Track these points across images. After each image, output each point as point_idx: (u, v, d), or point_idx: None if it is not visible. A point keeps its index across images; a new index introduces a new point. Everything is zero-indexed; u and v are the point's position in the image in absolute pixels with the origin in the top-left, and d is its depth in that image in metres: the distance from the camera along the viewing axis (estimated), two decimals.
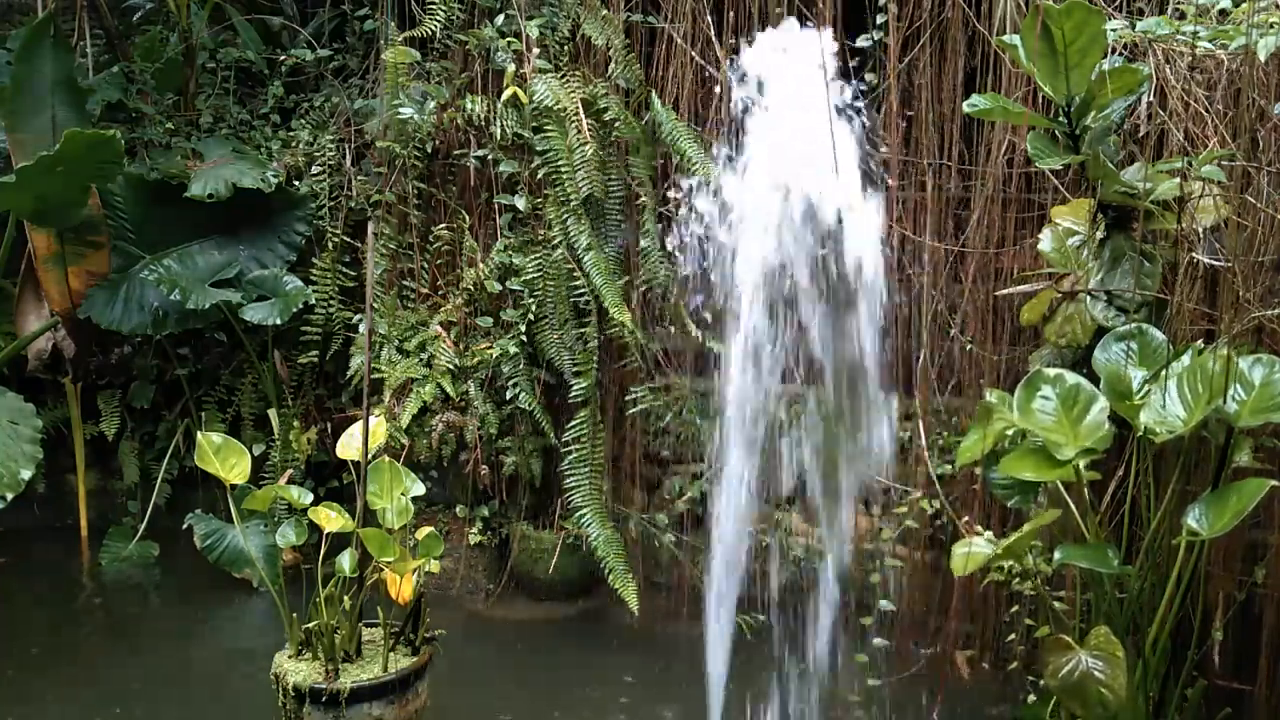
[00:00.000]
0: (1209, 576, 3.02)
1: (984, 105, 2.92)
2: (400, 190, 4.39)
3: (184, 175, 4.49)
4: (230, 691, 3.59)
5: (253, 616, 4.17)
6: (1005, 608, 3.50)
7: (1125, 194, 2.89)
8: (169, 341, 4.66)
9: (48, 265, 4.45)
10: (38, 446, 3.89)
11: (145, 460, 4.87)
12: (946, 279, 3.76)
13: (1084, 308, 2.98)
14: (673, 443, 4.22)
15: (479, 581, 4.31)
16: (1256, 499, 2.36)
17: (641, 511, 4.27)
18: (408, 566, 2.98)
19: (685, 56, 4.05)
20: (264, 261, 4.53)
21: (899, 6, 3.73)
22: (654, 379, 4.16)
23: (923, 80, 3.75)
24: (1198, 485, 2.75)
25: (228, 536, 4.10)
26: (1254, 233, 2.84)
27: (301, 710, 2.88)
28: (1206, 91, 3.03)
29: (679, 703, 3.53)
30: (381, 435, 3.24)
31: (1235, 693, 3.12)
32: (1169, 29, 2.91)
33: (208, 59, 5.01)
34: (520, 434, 4.23)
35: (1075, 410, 2.62)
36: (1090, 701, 2.44)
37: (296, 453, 4.52)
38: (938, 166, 3.76)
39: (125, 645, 4.02)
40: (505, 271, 4.19)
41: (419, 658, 3.03)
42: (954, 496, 3.69)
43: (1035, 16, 2.63)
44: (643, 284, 4.12)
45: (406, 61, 4.21)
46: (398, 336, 4.29)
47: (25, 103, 4.37)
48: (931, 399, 3.75)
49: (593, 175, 4.00)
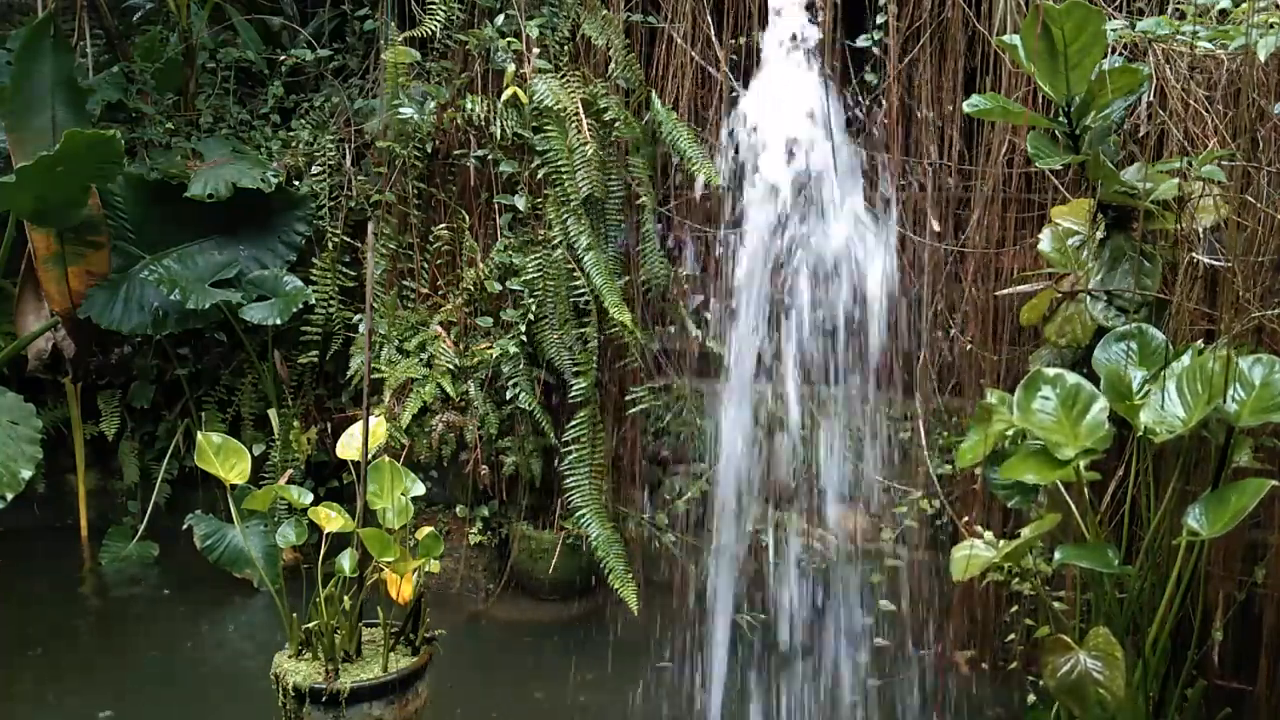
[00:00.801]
0: (1209, 576, 3.02)
1: (984, 105, 2.92)
2: (400, 190, 4.39)
3: (184, 175, 4.49)
4: (230, 691, 3.59)
5: (252, 616, 4.17)
6: (1005, 608, 3.50)
7: (1125, 194, 2.89)
8: (169, 341, 4.65)
9: (48, 265, 4.45)
10: (38, 446, 3.89)
11: (145, 460, 4.87)
12: (946, 279, 3.76)
13: (1084, 308, 2.98)
14: (673, 443, 4.22)
15: (479, 581, 4.31)
16: (1256, 499, 2.36)
17: (641, 511, 4.27)
18: (408, 566, 2.97)
19: (685, 56, 4.05)
20: (264, 261, 4.53)
21: (899, 6, 3.73)
22: (654, 379, 4.16)
23: (923, 80, 3.75)
24: (1198, 485, 2.75)
25: (228, 536, 4.10)
26: (1254, 233, 2.84)
27: (301, 710, 2.88)
28: (1206, 91, 3.03)
29: (679, 703, 3.53)
30: (381, 435, 3.23)
31: (1235, 693, 3.12)
32: (1169, 29, 2.91)
33: (208, 59, 5.01)
34: (520, 434, 4.23)
35: (1075, 410, 2.62)
36: (1089, 702, 2.44)
37: (296, 453, 4.52)
38: (938, 166, 3.76)
39: (125, 645, 4.02)
40: (505, 271, 4.19)
41: (419, 658, 3.03)
42: (954, 496, 3.69)
43: (1035, 16, 2.63)
44: (643, 284, 4.12)
45: (406, 61, 4.21)
46: (398, 336, 4.29)
47: (25, 103, 4.37)
48: (931, 399, 3.75)
49: (593, 175, 4.00)
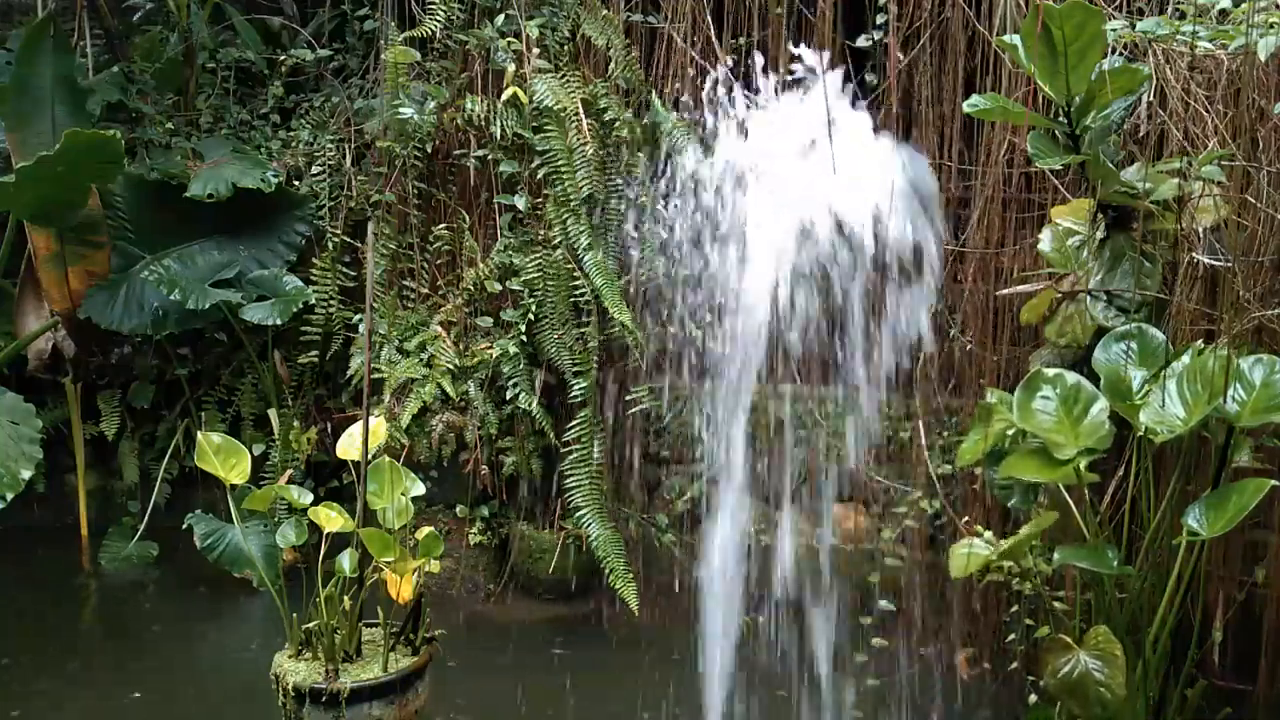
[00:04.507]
0: (1209, 576, 3.02)
1: (984, 105, 2.92)
2: (400, 190, 4.39)
3: (184, 175, 4.48)
4: (230, 692, 3.59)
5: (252, 616, 4.17)
6: (1005, 608, 3.50)
7: (1125, 194, 2.89)
8: (169, 341, 4.65)
9: (48, 265, 4.45)
10: (38, 446, 3.89)
11: (145, 460, 4.87)
12: (946, 279, 3.76)
13: (1084, 308, 2.98)
14: (673, 443, 4.22)
15: (479, 581, 4.31)
16: (1256, 499, 2.36)
17: (641, 511, 4.27)
18: (408, 566, 2.97)
19: (685, 57, 4.05)
20: (264, 261, 4.52)
21: (899, 6, 3.73)
22: (654, 379, 4.16)
23: (923, 80, 3.75)
24: (1198, 485, 2.75)
25: (228, 536, 4.09)
26: (1254, 233, 2.84)
27: (301, 710, 2.88)
28: (1206, 91, 3.02)
29: (679, 702, 3.52)
30: (381, 435, 3.23)
31: (1235, 692, 3.11)
32: (1169, 29, 2.91)
33: (208, 59, 5.01)
34: (520, 434, 4.23)
35: (1076, 410, 2.62)
36: (1089, 701, 2.44)
37: (296, 453, 4.52)
38: (938, 167, 3.76)
39: (124, 645, 4.02)
40: (505, 271, 4.19)
41: (419, 658, 3.03)
42: (954, 496, 3.69)
43: (1035, 16, 2.63)
44: (643, 284, 4.12)
45: (406, 61, 4.21)
46: (398, 336, 4.29)
47: (25, 103, 4.37)
48: (931, 399, 3.75)
49: (593, 175, 4.00)
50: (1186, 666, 2.76)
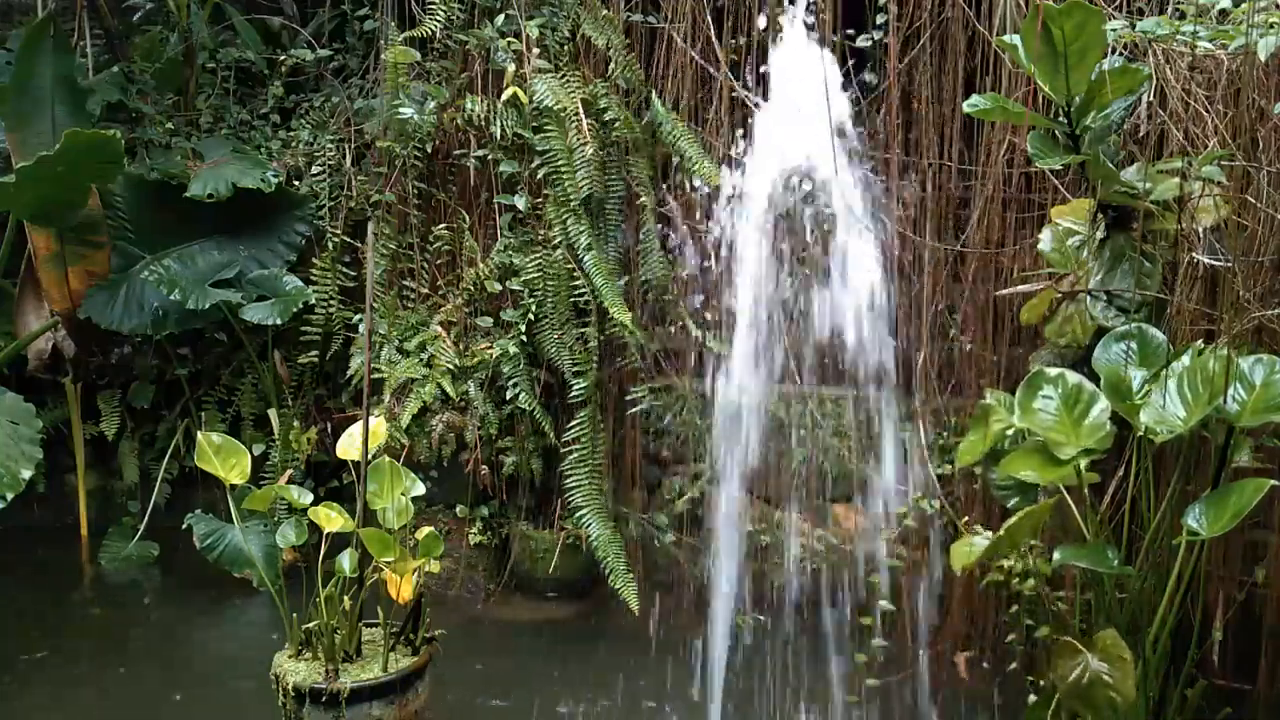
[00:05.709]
0: (1209, 576, 3.02)
1: (984, 105, 2.92)
2: (400, 190, 4.39)
3: (184, 175, 4.48)
4: (230, 692, 3.59)
5: (252, 616, 4.17)
6: (1005, 608, 3.50)
7: (1125, 194, 2.89)
8: (169, 341, 4.65)
9: (48, 265, 4.45)
10: (38, 446, 3.89)
11: (145, 460, 4.87)
12: (946, 279, 3.76)
13: (1084, 308, 2.98)
14: (673, 443, 4.22)
15: (479, 581, 4.31)
16: (1256, 499, 2.37)
17: (641, 511, 4.27)
18: (408, 566, 2.98)
19: (685, 56, 4.05)
20: (264, 261, 4.52)
21: (899, 6, 3.73)
22: (654, 379, 4.16)
23: (923, 80, 3.75)
24: (1198, 485, 2.75)
25: (227, 536, 4.09)
26: (1254, 233, 2.84)
27: (301, 710, 2.88)
28: (1206, 91, 3.03)
29: (679, 703, 3.52)
30: (381, 435, 3.23)
31: (1235, 692, 3.12)
32: (1169, 29, 2.91)
33: (208, 59, 5.01)
34: (520, 434, 4.23)
35: (1078, 410, 2.62)
36: (1099, 705, 2.44)
37: (296, 453, 4.52)
38: (938, 166, 3.76)
39: (125, 645, 4.02)
40: (505, 271, 4.19)
41: (419, 658, 3.03)
42: (954, 496, 3.69)
43: (1035, 16, 2.63)
44: (643, 284, 4.12)
45: (406, 61, 4.21)
46: (398, 336, 4.29)
47: (25, 103, 4.37)
48: (931, 399, 3.75)
49: (593, 175, 4.00)
50: (1187, 666, 2.76)
